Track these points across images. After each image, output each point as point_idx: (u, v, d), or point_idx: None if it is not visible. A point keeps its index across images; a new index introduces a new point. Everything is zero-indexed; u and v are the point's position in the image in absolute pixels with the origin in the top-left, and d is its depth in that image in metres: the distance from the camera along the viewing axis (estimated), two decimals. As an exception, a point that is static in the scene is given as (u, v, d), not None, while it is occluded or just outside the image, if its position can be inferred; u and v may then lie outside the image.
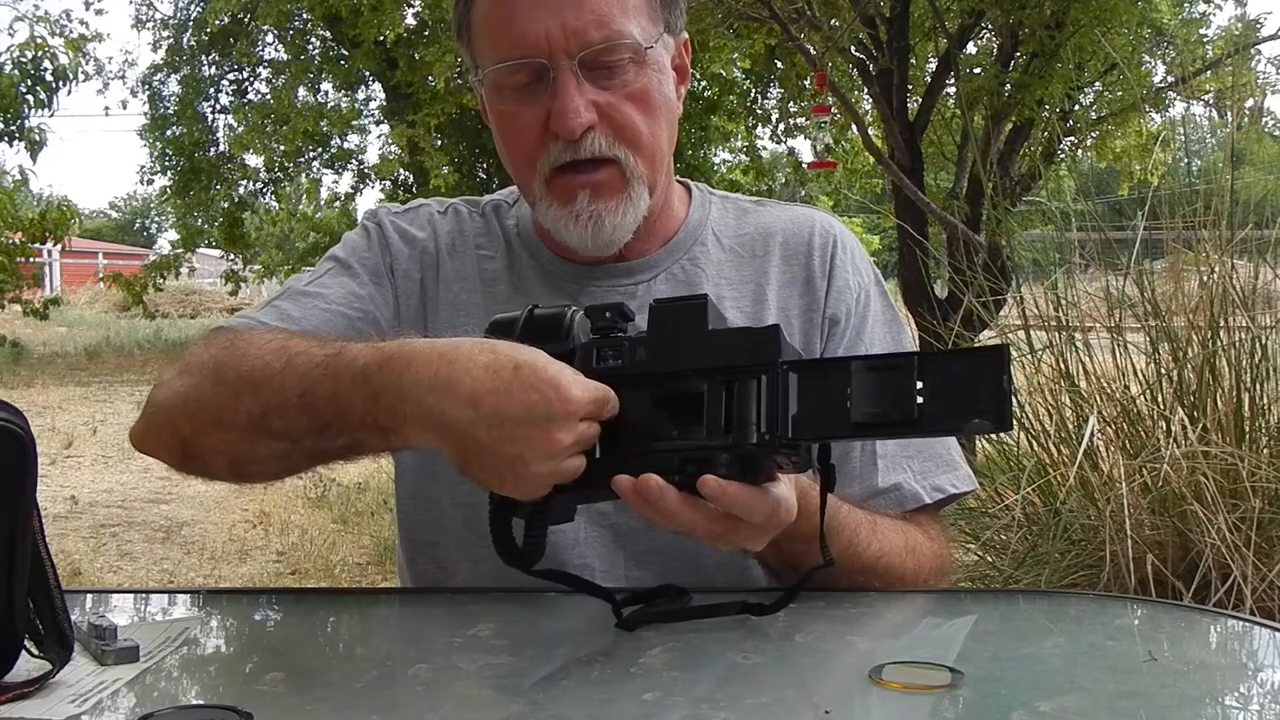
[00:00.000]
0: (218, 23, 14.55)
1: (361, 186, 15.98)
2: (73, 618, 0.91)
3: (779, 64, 11.64)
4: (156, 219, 51.58)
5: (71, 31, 11.07)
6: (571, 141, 1.13)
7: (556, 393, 0.87)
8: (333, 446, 1.01)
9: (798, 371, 0.86)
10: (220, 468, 1.07)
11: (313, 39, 15.17)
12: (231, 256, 16.68)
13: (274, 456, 1.03)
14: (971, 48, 8.67)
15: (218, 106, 15.65)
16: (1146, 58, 8.90)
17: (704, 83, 13.50)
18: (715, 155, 15.68)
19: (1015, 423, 3.02)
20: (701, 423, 0.86)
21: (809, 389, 0.85)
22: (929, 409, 0.81)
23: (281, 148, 14.06)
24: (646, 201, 1.18)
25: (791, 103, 12.73)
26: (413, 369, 0.91)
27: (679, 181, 1.33)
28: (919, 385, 0.81)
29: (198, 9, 15.27)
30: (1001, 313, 3.68)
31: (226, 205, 15.53)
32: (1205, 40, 9.25)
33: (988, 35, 8.53)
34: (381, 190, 15.97)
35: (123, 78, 24.03)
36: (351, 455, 1.03)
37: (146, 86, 16.10)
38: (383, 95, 15.25)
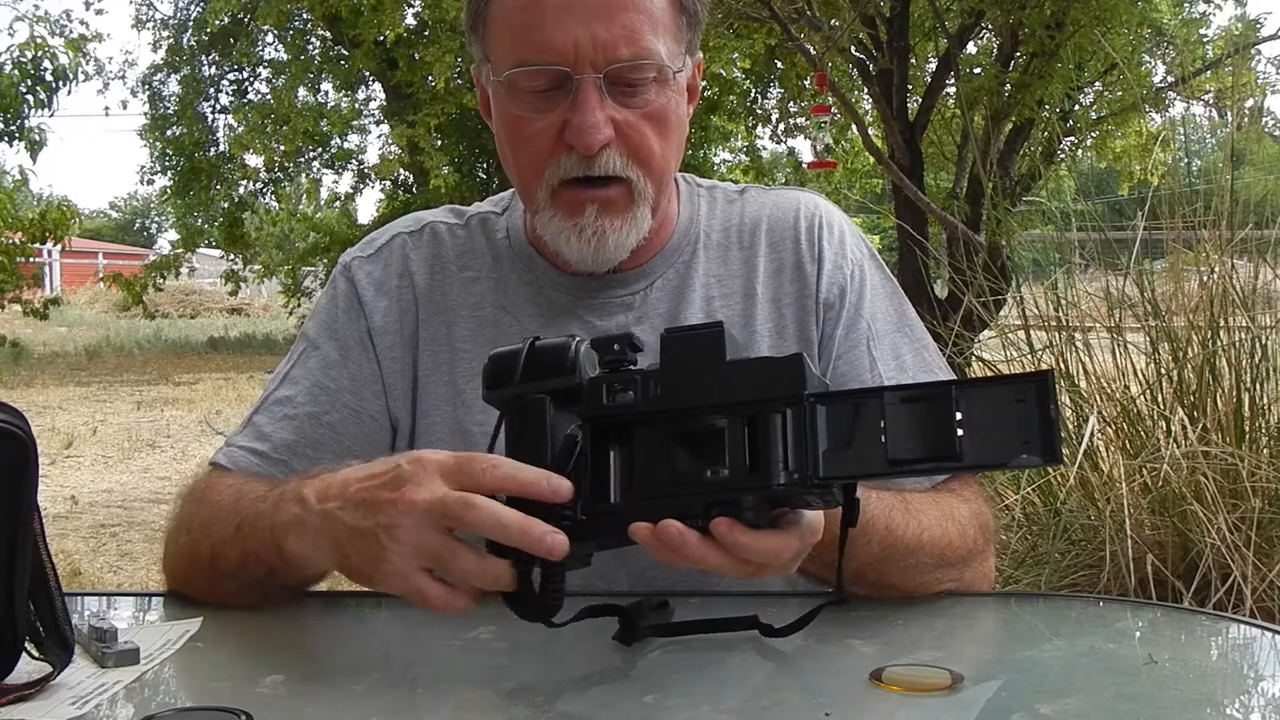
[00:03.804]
0: (218, 23, 14.56)
1: (361, 186, 15.98)
2: (73, 620, 0.91)
3: (779, 64, 11.64)
4: (156, 219, 51.61)
5: (71, 31, 11.09)
6: (587, 156, 1.11)
7: (411, 457, 0.87)
8: (258, 577, 1.05)
9: (826, 404, 0.80)
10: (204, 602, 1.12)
11: (313, 39, 15.17)
12: (231, 256, 16.68)
13: (231, 593, 1.09)
14: (971, 48, 8.68)
15: (218, 106, 15.66)
16: (1146, 58, 8.91)
17: (704, 83, 13.47)
18: (715, 155, 15.69)
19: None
20: (724, 462, 0.81)
21: (839, 423, 0.79)
22: (970, 442, 0.76)
23: (281, 148, 14.05)
24: (649, 222, 1.17)
25: (791, 103, 12.75)
26: (312, 480, 0.95)
27: None
28: (958, 416, 0.76)
29: (198, 9, 15.28)
30: (1001, 313, 3.68)
31: (226, 205, 15.53)
32: (1205, 40, 9.26)
33: (988, 35, 8.54)
34: (381, 190, 15.99)
35: (123, 78, 24.09)
36: (274, 585, 1.07)
37: (146, 86, 16.11)
38: (383, 95, 15.25)
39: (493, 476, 0.84)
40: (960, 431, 0.76)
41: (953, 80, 7.45)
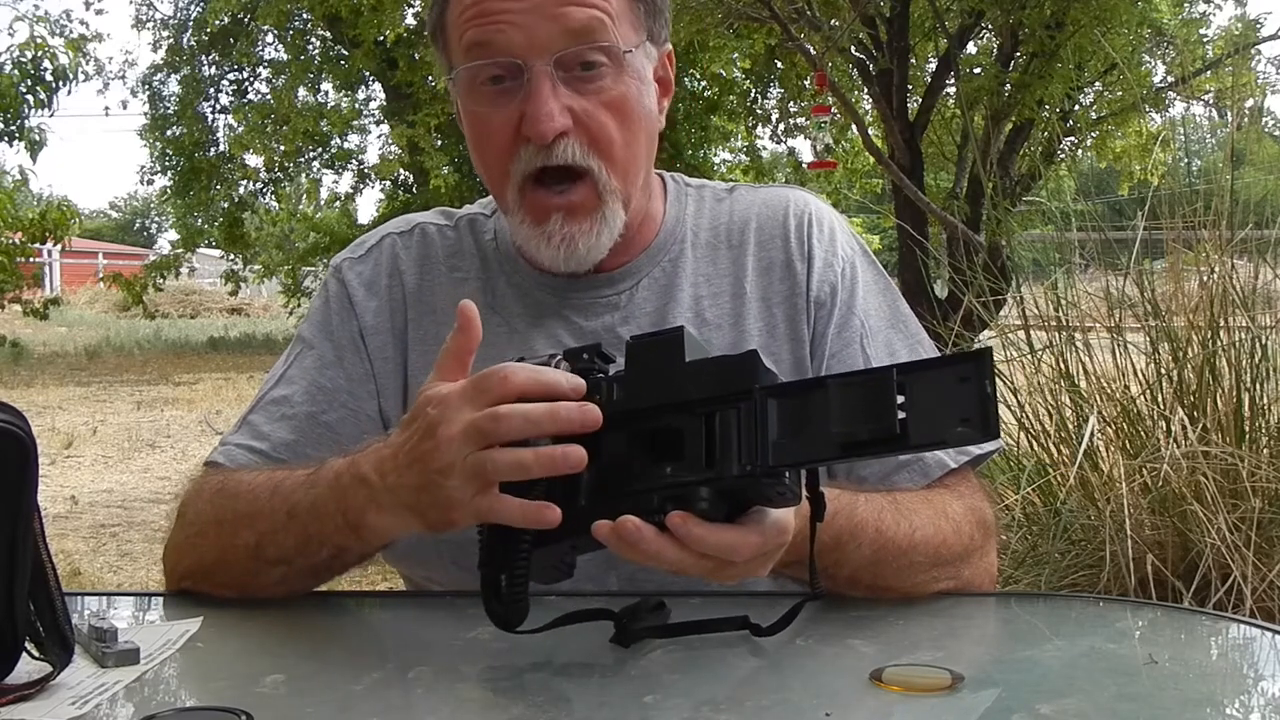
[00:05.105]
0: (218, 23, 14.57)
1: (361, 186, 16.01)
2: (73, 620, 0.91)
3: (779, 64, 11.66)
4: (156, 219, 51.63)
5: (71, 31, 11.12)
6: (543, 146, 1.10)
7: (428, 401, 0.90)
8: (320, 560, 1.06)
9: (776, 396, 0.82)
10: (231, 597, 1.12)
11: (313, 39, 15.18)
12: (231, 256, 16.69)
13: (275, 582, 1.10)
14: (971, 48, 8.69)
15: (218, 106, 15.68)
16: (1146, 58, 8.92)
17: (704, 83, 13.50)
18: (715, 155, 15.69)
19: (1016, 422, 3.05)
20: (683, 458, 0.83)
21: (788, 413, 0.81)
22: (913, 422, 0.77)
23: (281, 148, 14.06)
24: (621, 218, 1.16)
25: (791, 103, 12.77)
26: (366, 459, 0.96)
27: (655, 174, 1.28)
28: (900, 399, 0.77)
29: (198, 9, 15.29)
30: (1001, 313, 3.68)
31: (226, 205, 15.54)
32: (1205, 40, 9.27)
33: (988, 35, 8.55)
34: (381, 190, 16.00)
35: (123, 78, 24.11)
36: (339, 564, 1.08)
37: (146, 86, 16.13)
38: (383, 95, 15.26)
39: (513, 385, 0.86)
40: (903, 414, 0.77)
41: (953, 80, 7.46)
